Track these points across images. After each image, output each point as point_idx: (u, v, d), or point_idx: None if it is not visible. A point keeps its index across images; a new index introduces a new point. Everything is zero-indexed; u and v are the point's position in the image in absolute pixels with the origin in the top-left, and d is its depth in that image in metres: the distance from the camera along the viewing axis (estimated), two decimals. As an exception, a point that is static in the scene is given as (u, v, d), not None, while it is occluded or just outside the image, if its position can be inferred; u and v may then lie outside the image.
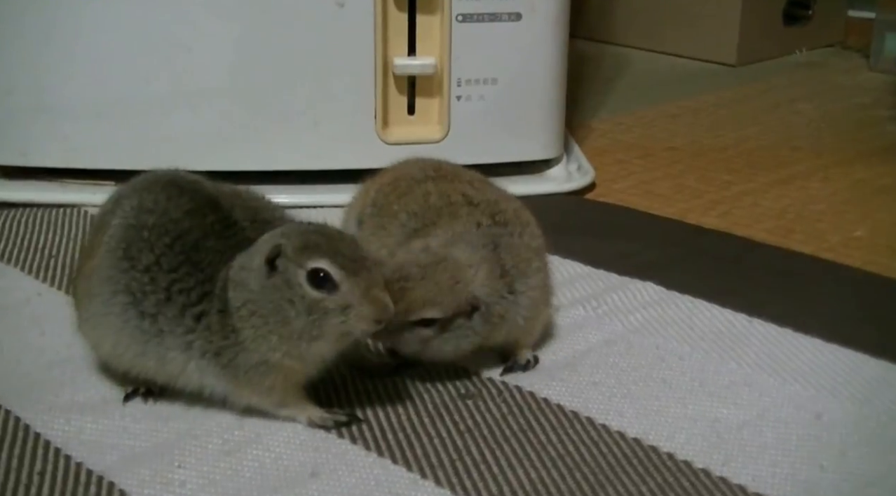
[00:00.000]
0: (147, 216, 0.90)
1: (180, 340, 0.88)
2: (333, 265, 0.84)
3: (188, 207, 0.91)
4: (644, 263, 1.25)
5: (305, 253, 0.84)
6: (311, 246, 0.85)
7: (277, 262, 0.85)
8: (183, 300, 0.88)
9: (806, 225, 1.42)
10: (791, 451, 0.89)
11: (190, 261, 0.88)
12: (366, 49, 1.40)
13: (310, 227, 0.88)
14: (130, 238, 0.90)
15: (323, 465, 0.87)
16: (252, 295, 0.86)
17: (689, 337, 1.08)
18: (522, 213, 1.03)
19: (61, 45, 1.38)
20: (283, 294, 0.85)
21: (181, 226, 0.89)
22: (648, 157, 1.70)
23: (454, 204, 0.99)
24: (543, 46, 1.47)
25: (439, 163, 1.10)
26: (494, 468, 0.87)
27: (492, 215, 0.99)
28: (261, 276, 0.85)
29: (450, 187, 1.02)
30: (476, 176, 1.09)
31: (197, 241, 0.89)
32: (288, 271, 0.85)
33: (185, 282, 0.88)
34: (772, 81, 2.18)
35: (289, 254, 0.85)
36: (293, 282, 0.84)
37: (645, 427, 0.92)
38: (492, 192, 1.04)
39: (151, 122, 1.41)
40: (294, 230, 0.87)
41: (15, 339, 1.06)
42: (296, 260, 0.84)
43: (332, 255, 0.84)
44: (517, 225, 1.00)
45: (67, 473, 0.85)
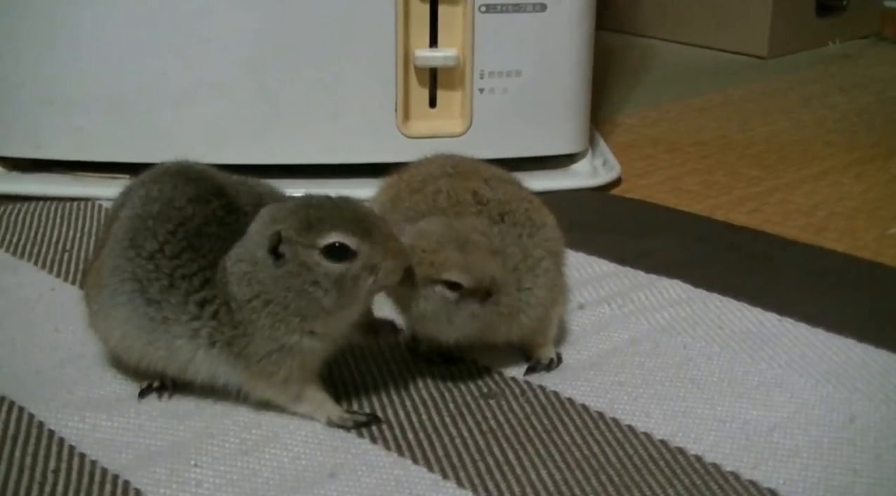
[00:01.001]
0: (152, 205, 0.92)
1: (186, 328, 0.89)
2: (346, 234, 0.84)
3: (192, 195, 0.92)
4: (671, 261, 1.25)
5: (312, 231, 0.84)
6: (315, 222, 0.84)
7: (282, 249, 0.85)
8: (186, 286, 0.89)
9: (839, 222, 1.41)
10: (823, 455, 0.89)
11: (192, 247, 0.89)
12: (386, 41, 1.41)
13: (299, 204, 0.87)
14: (136, 227, 0.92)
15: (342, 465, 0.87)
16: (264, 286, 0.86)
17: (717, 336, 1.08)
18: (537, 214, 1.02)
19: (75, 36, 1.39)
20: (304, 278, 0.85)
21: (184, 213, 0.91)
22: (676, 152, 1.69)
23: (462, 203, 0.99)
24: (569, 38, 1.47)
25: (461, 160, 1.10)
26: (518, 469, 0.87)
27: (501, 215, 0.99)
28: (268, 267, 0.85)
29: (462, 185, 1.01)
30: (496, 173, 1.08)
31: (199, 228, 0.90)
32: (299, 255, 0.85)
33: (188, 268, 0.89)
34: (804, 74, 2.17)
35: (293, 237, 0.84)
36: (309, 263, 0.84)
37: (672, 428, 0.92)
38: (508, 190, 1.04)
39: (167, 115, 1.41)
40: (285, 212, 0.86)
41: (28, 336, 1.07)
42: (303, 241, 0.84)
43: (340, 225, 0.84)
44: (527, 225, 1.00)
45: (82, 471, 0.86)
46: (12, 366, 1.01)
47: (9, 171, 1.48)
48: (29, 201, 1.41)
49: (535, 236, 0.99)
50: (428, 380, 0.99)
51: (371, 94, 1.43)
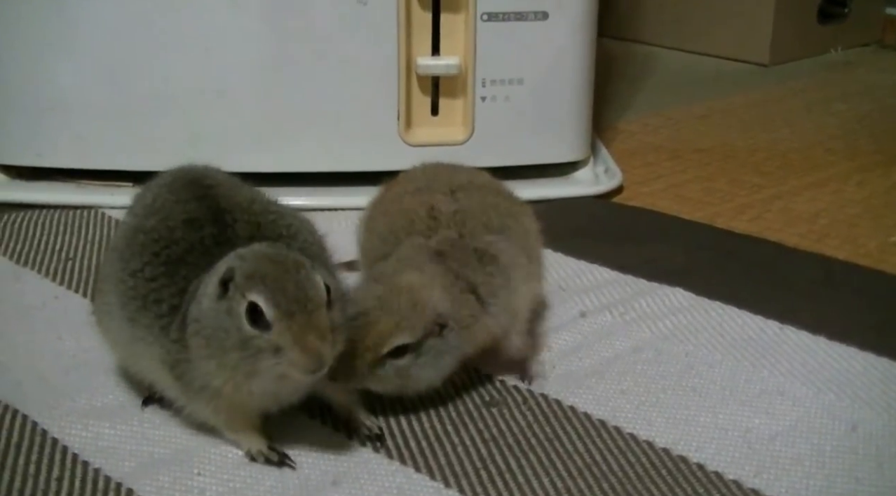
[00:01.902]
0: (149, 219, 0.91)
1: (150, 349, 0.88)
2: (268, 302, 0.79)
3: (188, 216, 0.90)
4: (673, 268, 1.25)
5: (249, 282, 0.80)
6: (257, 276, 0.80)
7: (230, 286, 0.81)
8: (155, 310, 0.87)
9: (840, 229, 1.41)
10: (825, 463, 0.89)
11: (167, 273, 0.87)
12: (388, 48, 1.41)
13: (268, 252, 0.83)
14: (129, 239, 0.91)
15: (344, 474, 0.87)
16: (200, 314, 0.83)
17: (719, 344, 1.08)
18: (499, 221, 1.00)
19: (78, 44, 1.39)
20: (223, 321, 0.81)
21: (173, 235, 0.89)
22: (677, 160, 1.70)
23: (415, 221, 0.98)
24: (570, 46, 1.47)
25: (442, 170, 1.09)
26: (520, 477, 0.87)
27: (450, 226, 0.98)
28: (212, 298, 0.82)
29: (422, 201, 1.00)
30: (467, 182, 1.05)
31: (182, 255, 0.88)
32: (234, 299, 0.80)
33: (159, 294, 0.87)
34: (805, 81, 2.17)
35: (237, 280, 0.81)
36: (234, 311, 0.80)
37: (674, 436, 0.93)
38: (472, 199, 1.02)
39: (169, 123, 1.42)
40: (253, 253, 0.82)
41: (31, 343, 1.07)
42: (241, 288, 0.80)
43: (272, 290, 0.79)
44: (481, 231, 0.98)
45: (85, 480, 0.86)
46: (15, 374, 1.01)
47: (11, 179, 1.48)
48: (32, 209, 1.41)
49: (494, 238, 0.98)
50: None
51: (373, 102, 1.43)
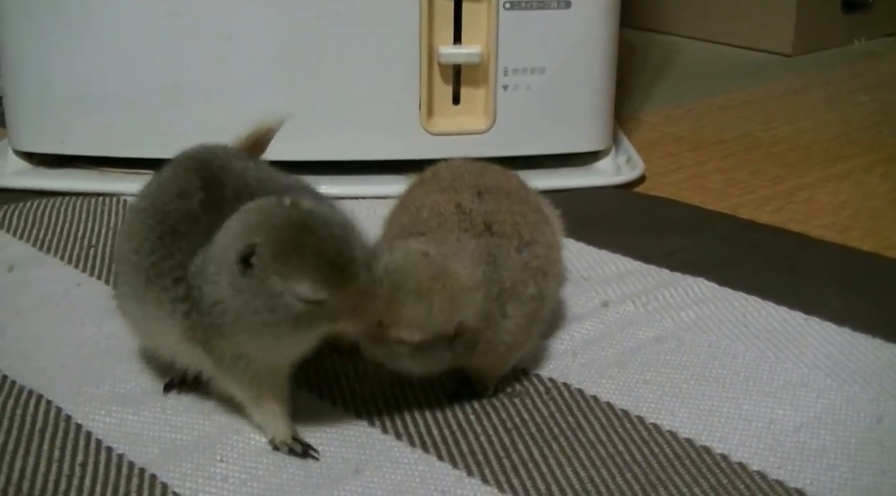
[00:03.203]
0: (147, 199, 0.93)
1: (164, 324, 0.89)
2: (318, 281, 0.78)
3: (179, 189, 0.91)
4: (695, 259, 1.25)
5: (288, 264, 0.78)
6: (293, 254, 0.78)
7: (252, 261, 0.79)
8: (160, 284, 0.88)
9: (864, 221, 1.40)
10: (851, 455, 0.88)
11: (164, 246, 0.88)
12: (410, 37, 1.41)
13: (287, 218, 0.80)
14: (132, 219, 0.94)
15: (367, 462, 0.87)
16: (224, 294, 0.82)
17: (742, 335, 1.08)
18: (528, 229, 0.98)
19: (100, 33, 1.40)
20: (264, 301, 0.80)
21: (166, 208, 0.90)
22: (699, 150, 1.69)
23: (444, 214, 0.96)
24: (593, 35, 1.46)
25: (464, 171, 1.05)
26: (542, 466, 0.87)
27: (486, 224, 0.95)
28: (233, 275, 0.80)
29: (449, 198, 0.98)
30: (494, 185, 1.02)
31: (173, 226, 0.89)
32: (266, 277, 0.79)
33: (160, 267, 0.88)
34: (829, 72, 2.16)
35: (266, 258, 0.79)
36: (273, 291, 0.79)
37: (697, 427, 0.92)
38: (500, 202, 0.99)
39: (191, 111, 1.42)
40: (270, 225, 0.80)
41: (55, 330, 1.08)
42: (275, 268, 0.79)
43: (316, 267, 0.78)
44: (514, 239, 0.95)
45: (109, 465, 0.87)
46: (39, 361, 1.02)
47: (34, 167, 1.49)
48: (54, 197, 1.42)
49: (524, 251, 0.96)
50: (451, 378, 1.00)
51: (395, 91, 1.43)
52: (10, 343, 1.05)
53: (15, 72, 1.43)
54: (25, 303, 1.13)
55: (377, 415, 0.94)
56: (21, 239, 1.30)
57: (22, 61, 1.42)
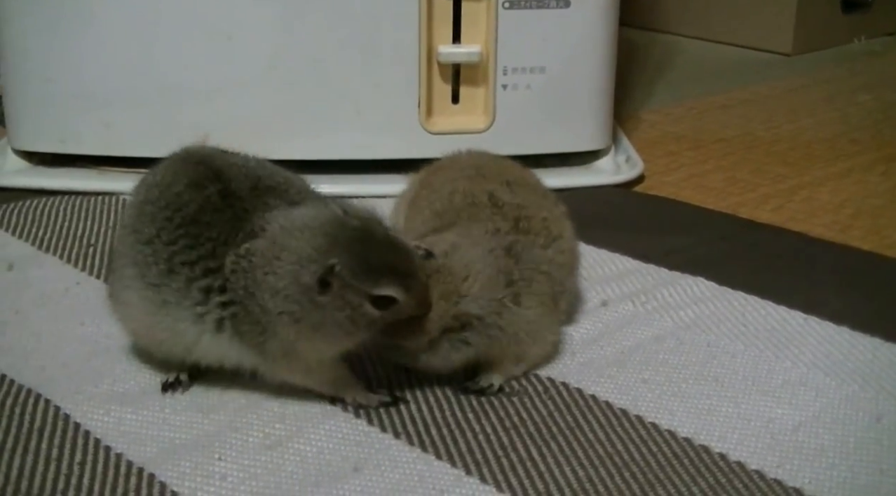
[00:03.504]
0: (152, 191, 0.94)
1: (189, 313, 0.90)
2: (398, 290, 0.86)
3: (189, 180, 0.93)
4: (695, 258, 1.25)
5: (369, 279, 0.86)
6: (373, 270, 0.86)
7: (330, 279, 0.85)
8: (187, 273, 0.90)
9: (864, 220, 1.40)
10: (849, 454, 0.88)
11: (188, 234, 0.90)
12: (410, 36, 1.41)
13: (355, 235, 0.87)
14: (137, 213, 0.94)
15: (366, 460, 0.87)
16: (299, 307, 0.86)
17: (741, 334, 1.08)
18: (556, 224, 1.00)
19: (100, 32, 1.40)
20: (344, 314, 0.86)
21: (181, 199, 0.92)
22: (699, 149, 1.69)
23: (477, 205, 0.98)
24: (592, 34, 1.46)
25: (487, 160, 1.09)
26: (541, 465, 0.87)
27: (515, 220, 0.97)
28: (311, 293, 0.86)
29: (479, 187, 1.00)
30: (522, 176, 1.06)
31: (194, 215, 0.91)
32: (347, 295, 0.86)
33: (186, 255, 0.90)
34: (829, 71, 2.16)
35: (347, 277, 0.85)
36: (354, 303, 0.86)
37: (696, 426, 0.92)
38: (528, 195, 1.02)
39: (191, 110, 1.42)
40: (343, 244, 0.86)
41: (54, 329, 1.08)
42: (357, 286, 0.86)
43: (395, 278, 0.86)
44: (543, 235, 0.98)
45: (108, 464, 0.87)
46: (39, 359, 1.02)
47: (34, 166, 1.49)
48: (54, 196, 1.42)
49: (550, 247, 0.98)
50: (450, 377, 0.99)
51: (394, 90, 1.43)
52: (9, 342, 1.05)
53: (15, 70, 1.43)
54: (25, 301, 1.13)
55: (375, 413, 0.94)
56: (21, 238, 1.30)
57: (22, 60, 1.42)
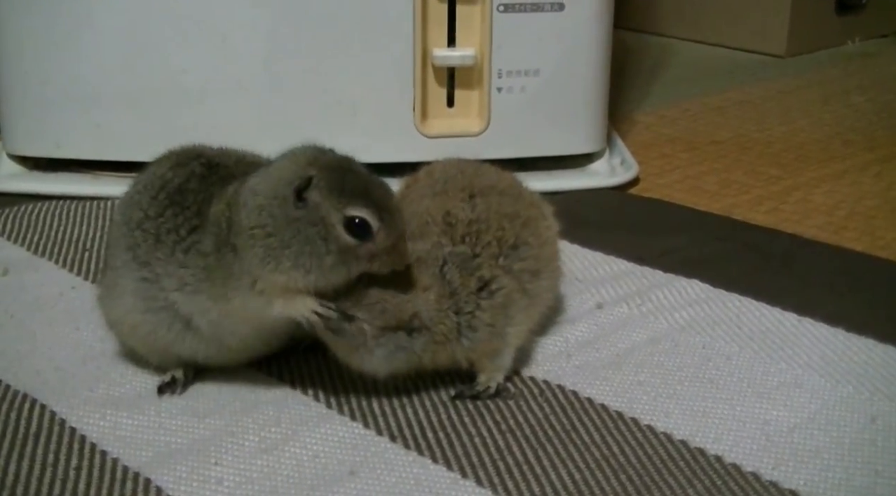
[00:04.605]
0: (139, 182, 0.97)
1: (175, 280, 0.91)
2: (373, 215, 0.86)
3: (172, 163, 0.96)
4: (690, 260, 1.25)
5: (344, 197, 0.86)
6: (349, 190, 0.86)
7: (307, 195, 0.86)
8: (173, 238, 0.91)
9: (858, 221, 1.41)
10: (845, 456, 0.88)
11: (174, 203, 0.92)
12: (404, 40, 1.41)
13: (338, 159, 0.89)
14: (126, 203, 0.96)
15: (361, 464, 0.87)
16: (273, 220, 0.86)
17: (736, 336, 1.08)
18: (515, 234, 0.99)
19: (95, 35, 1.40)
20: (316, 230, 0.86)
21: (165, 178, 0.94)
22: (694, 151, 1.69)
23: (429, 224, 0.98)
24: (587, 37, 1.46)
25: (457, 170, 1.07)
26: (537, 468, 0.87)
27: (462, 236, 0.97)
28: (286, 205, 0.86)
29: (439, 205, 1.00)
30: (489, 185, 1.04)
31: (180, 186, 0.93)
32: (321, 209, 0.86)
33: (172, 223, 0.91)
34: (823, 73, 2.16)
35: (323, 191, 0.86)
36: (328, 221, 0.86)
37: (692, 428, 0.92)
38: (494, 205, 1.00)
39: (186, 113, 1.42)
40: (324, 163, 0.88)
41: (49, 333, 1.08)
42: (332, 201, 0.86)
43: (371, 203, 0.86)
44: (494, 246, 0.97)
45: (104, 469, 0.87)
46: (34, 364, 1.02)
47: (29, 171, 1.49)
48: (49, 200, 1.41)
49: (503, 256, 0.97)
50: (447, 379, 0.99)
51: (389, 94, 1.43)
52: (4, 346, 1.05)
53: (9, 74, 1.43)
54: (20, 306, 1.13)
55: (372, 417, 0.94)
56: (15, 243, 1.29)
57: (16, 64, 1.42)
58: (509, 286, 0.96)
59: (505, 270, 0.96)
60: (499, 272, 0.96)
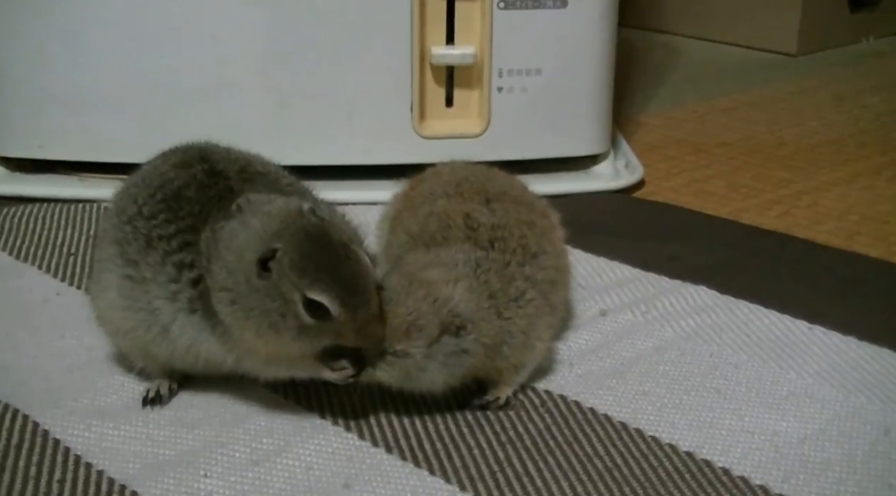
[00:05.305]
0: (138, 175, 0.98)
1: (165, 289, 0.91)
2: (333, 301, 0.84)
3: (176, 161, 0.96)
4: (696, 266, 1.25)
5: (305, 278, 0.84)
6: (312, 271, 0.84)
7: (271, 265, 0.85)
8: (164, 247, 0.91)
9: (871, 226, 1.41)
10: (857, 469, 0.88)
11: (169, 208, 0.92)
12: (402, 38, 1.41)
13: (309, 230, 0.86)
14: (121, 195, 0.97)
15: (356, 476, 0.87)
16: (237, 287, 0.86)
17: (745, 344, 1.08)
18: (536, 240, 1.00)
19: (81, 34, 1.40)
20: (276, 305, 0.85)
21: (165, 176, 0.94)
22: (701, 154, 1.69)
23: (451, 227, 0.98)
24: (590, 35, 1.47)
25: (471, 173, 1.07)
26: (538, 481, 0.87)
27: (490, 241, 0.97)
28: (250, 273, 0.86)
29: (457, 207, 1.00)
30: (507, 190, 1.05)
31: (178, 190, 0.93)
32: (282, 284, 0.85)
33: (164, 229, 0.91)
34: (835, 72, 2.17)
35: (286, 267, 0.84)
36: (288, 298, 0.85)
37: (698, 440, 0.92)
38: (509, 213, 1.01)
39: (176, 115, 1.42)
40: (292, 233, 0.86)
41: (33, 342, 1.08)
42: (293, 280, 0.84)
43: (334, 287, 0.84)
44: (519, 253, 0.97)
45: (88, 482, 0.87)
46: (17, 374, 1.02)
47: (12, 172, 1.49)
48: (33, 203, 1.42)
49: (528, 265, 0.97)
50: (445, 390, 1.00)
51: (386, 94, 1.44)
52: (-14, 355, 1.05)
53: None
54: (3, 314, 1.13)
55: (367, 427, 0.94)
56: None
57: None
58: (536, 297, 0.97)
59: (531, 280, 0.97)
60: (527, 282, 0.97)
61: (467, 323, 0.91)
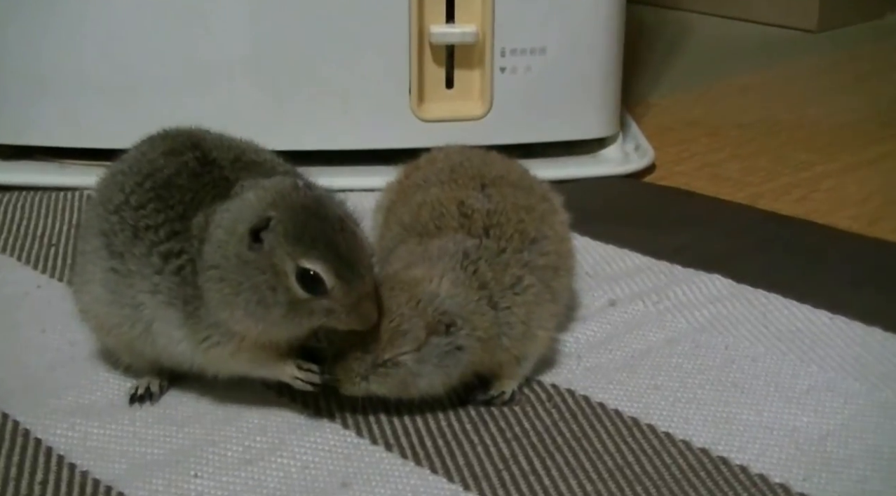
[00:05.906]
0: (125, 162, 0.97)
1: (148, 282, 0.91)
2: (328, 270, 0.84)
3: (166, 148, 0.95)
4: (711, 254, 1.25)
5: (300, 247, 0.84)
6: (307, 240, 0.84)
7: (263, 236, 0.85)
8: (151, 237, 0.90)
9: (895, 211, 1.41)
10: (881, 466, 0.89)
11: (159, 197, 0.91)
12: (399, 16, 1.41)
13: (305, 202, 0.87)
14: (107, 183, 0.96)
15: (354, 475, 0.88)
16: (226, 261, 0.86)
17: (762, 336, 1.08)
18: (534, 226, 1.00)
19: (61, 15, 1.40)
20: (266, 278, 0.85)
21: (155, 164, 0.94)
22: (715, 136, 1.69)
23: (444, 216, 0.99)
24: (598, 12, 1.47)
25: (466, 158, 1.08)
26: (545, 479, 0.87)
27: (485, 228, 0.97)
28: (241, 245, 0.86)
29: (451, 195, 1.01)
30: (504, 174, 1.05)
31: (168, 178, 0.92)
32: (275, 255, 0.85)
33: (153, 219, 0.91)
34: (858, 49, 2.16)
35: (280, 236, 0.85)
36: (279, 269, 0.85)
37: (714, 436, 0.93)
38: (505, 198, 1.01)
39: (163, 99, 1.42)
40: (288, 204, 0.86)
41: (13, 337, 1.08)
42: (287, 248, 0.84)
43: (329, 256, 0.84)
44: (515, 239, 0.98)
45: (72, 483, 0.87)
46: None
47: (-11, 159, 1.49)
48: (11, 191, 1.42)
49: (526, 251, 0.98)
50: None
51: (383, 75, 1.43)
52: (-36, 351, 1.05)
53: (-32, 57, 1.44)
54: (-19, 307, 1.14)
55: (366, 424, 0.94)
56: (-25, 238, 1.30)
57: (-25, 45, 1.42)
58: (536, 283, 0.97)
59: (529, 266, 0.97)
60: (524, 268, 0.97)
61: (456, 319, 0.91)
